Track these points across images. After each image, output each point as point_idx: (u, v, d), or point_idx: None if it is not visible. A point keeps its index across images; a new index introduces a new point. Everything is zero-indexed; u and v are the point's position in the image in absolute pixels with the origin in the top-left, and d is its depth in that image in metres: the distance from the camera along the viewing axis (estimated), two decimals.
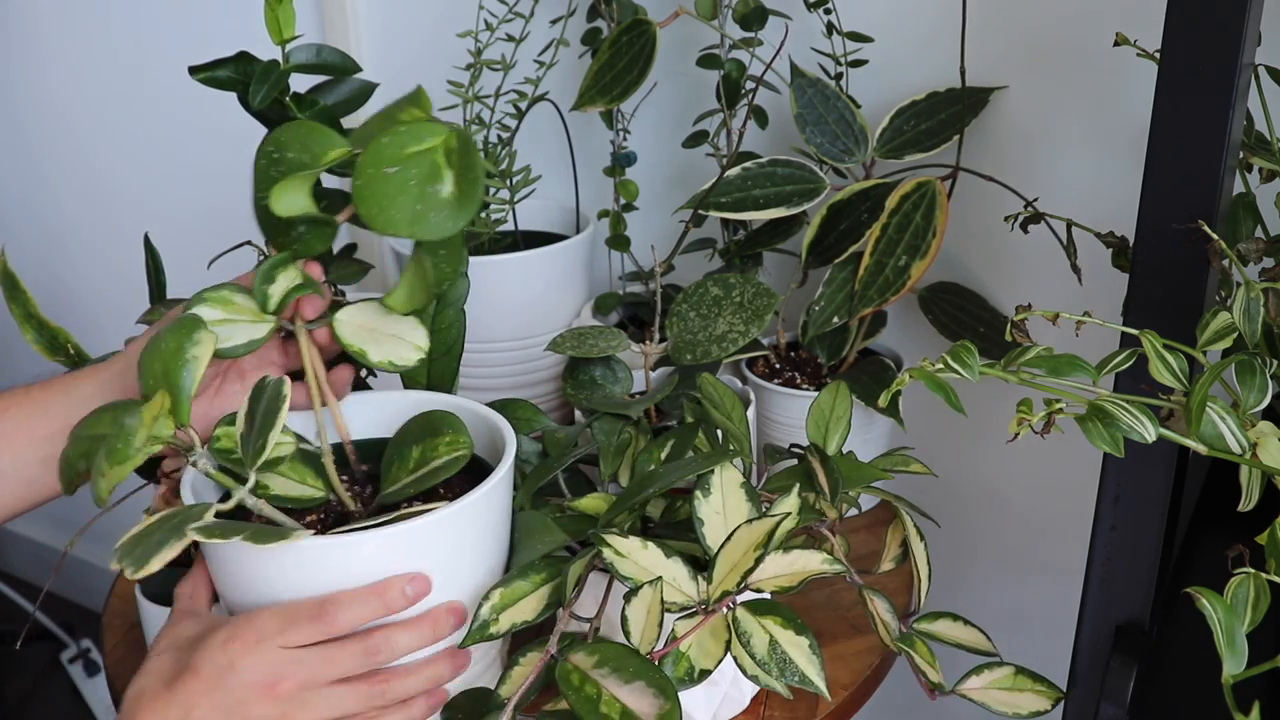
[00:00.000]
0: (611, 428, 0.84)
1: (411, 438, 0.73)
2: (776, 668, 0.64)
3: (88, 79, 1.62)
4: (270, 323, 0.69)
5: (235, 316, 0.68)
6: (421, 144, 0.64)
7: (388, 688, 0.65)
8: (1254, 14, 0.55)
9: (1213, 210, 0.55)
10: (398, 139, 0.64)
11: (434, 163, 0.63)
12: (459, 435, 0.72)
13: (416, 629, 0.65)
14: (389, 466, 0.73)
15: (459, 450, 0.71)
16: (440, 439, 0.72)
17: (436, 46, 1.20)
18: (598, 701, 0.61)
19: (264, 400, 0.65)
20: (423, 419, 0.73)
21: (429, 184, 0.63)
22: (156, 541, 0.59)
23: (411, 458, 0.72)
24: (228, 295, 0.68)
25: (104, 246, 1.73)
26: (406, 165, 0.63)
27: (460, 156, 0.64)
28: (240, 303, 0.68)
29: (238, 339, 0.67)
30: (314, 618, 0.62)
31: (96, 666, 1.89)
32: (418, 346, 0.72)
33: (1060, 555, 1.11)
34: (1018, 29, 0.97)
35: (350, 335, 0.71)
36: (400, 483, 0.72)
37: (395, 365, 0.71)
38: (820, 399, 0.83)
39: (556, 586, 0.69)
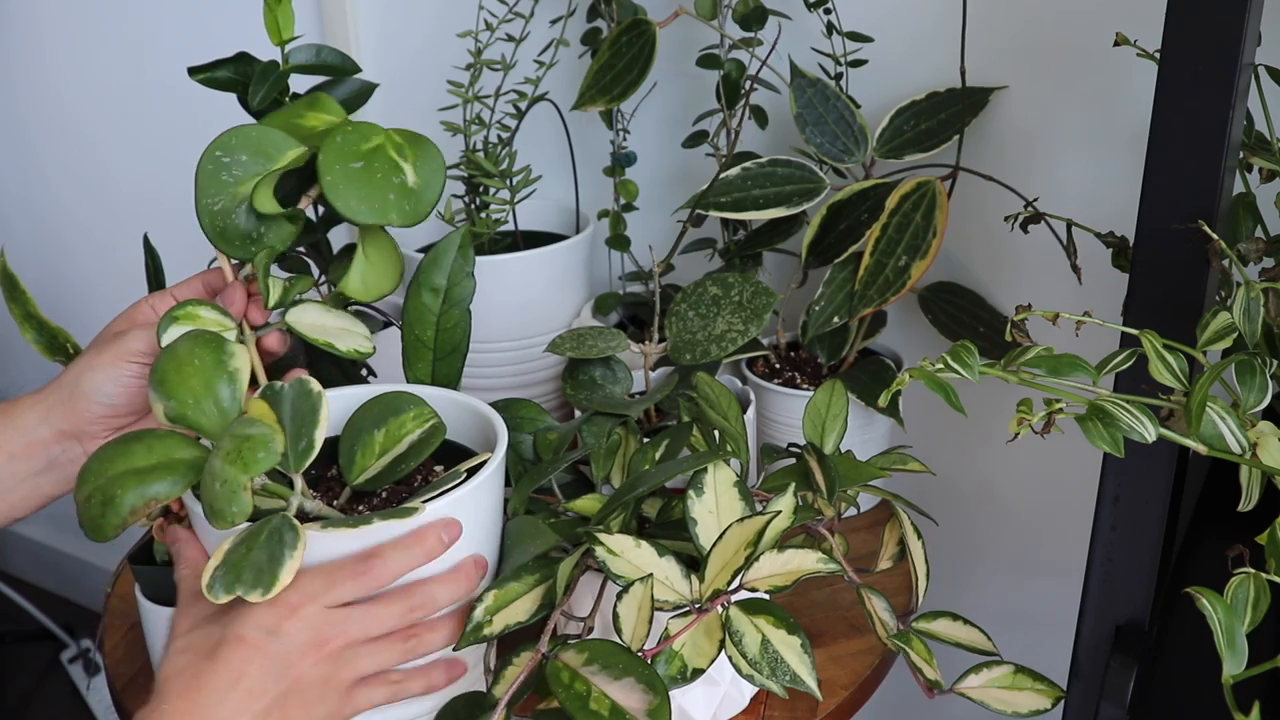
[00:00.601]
0: (600, 430, 0.84)
1: (370, 423, 0.71)
2: (768, 667, 0.65)
3: (88, 79, 1.62)
4: (234, 330, 0.68)
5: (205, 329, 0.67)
6: (370, 142, 0.66)
7: (419, 641, 0.66)
8: (1254, 14, 0.55)
9: (1213, 210, 0.55)
10: (348, 138, 0.66)
11: (390, 157, 0.66)
12: (422, 408, 0.71)
13: (453, 581, 0.66)
14: (349, 457, 0.71)
15: (429, 421, 0.71)
16: (405, 415, 0.71)
17: (436, 46, 1.20)
18: (587, 698, 0.61)
19: (288, 404, 0.64)
20: (376, 403, 0.72)
21: (393, 175, 0.66)
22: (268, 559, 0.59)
23: (376, 442, 0.71)
24: (193, 311, 0.68)
25: (104, 246, 1.73)
26: (368, 160, 0.65)
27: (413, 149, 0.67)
28: (206, 315, 0.68)
29: None
30: (358, 574, 0.62)
31: (96, 666, 1.89)
32: (366, 337, 0.73)
33: (1060, 555, 1.11)
34: (1018, 29, 0.97)
35: (309, 333, 0.71)
36: (370, 469, 0.71)
37: (360, 353, 0.71)
38: (816, 398, 0.83)
39: (550, 587, 0.69)
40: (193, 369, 0.62)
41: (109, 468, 0.60)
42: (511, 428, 0.86)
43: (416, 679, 0.67)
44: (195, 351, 0.63)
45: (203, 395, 0.62)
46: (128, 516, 0.59)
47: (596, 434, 0.83)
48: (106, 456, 0.61)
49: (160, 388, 0.62)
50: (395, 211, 0.66)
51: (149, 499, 0.59)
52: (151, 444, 0.61)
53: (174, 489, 0.60)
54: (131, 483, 0.59)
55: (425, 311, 0.80)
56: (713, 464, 0.71)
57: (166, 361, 0.63)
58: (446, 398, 0.76)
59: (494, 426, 0.73)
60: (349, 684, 0.63)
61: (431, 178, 0.67)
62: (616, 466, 0.83)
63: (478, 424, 0.75)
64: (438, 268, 0.80)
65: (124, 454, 0.60)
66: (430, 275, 0.79)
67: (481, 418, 0.75)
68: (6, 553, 2.16)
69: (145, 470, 0.60)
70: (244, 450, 0.58)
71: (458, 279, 0.80)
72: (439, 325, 0.80)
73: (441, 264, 0.80)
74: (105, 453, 0.61)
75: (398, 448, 0.71)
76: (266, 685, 0.60)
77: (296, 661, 0.61)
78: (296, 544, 0.59)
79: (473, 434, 0.76)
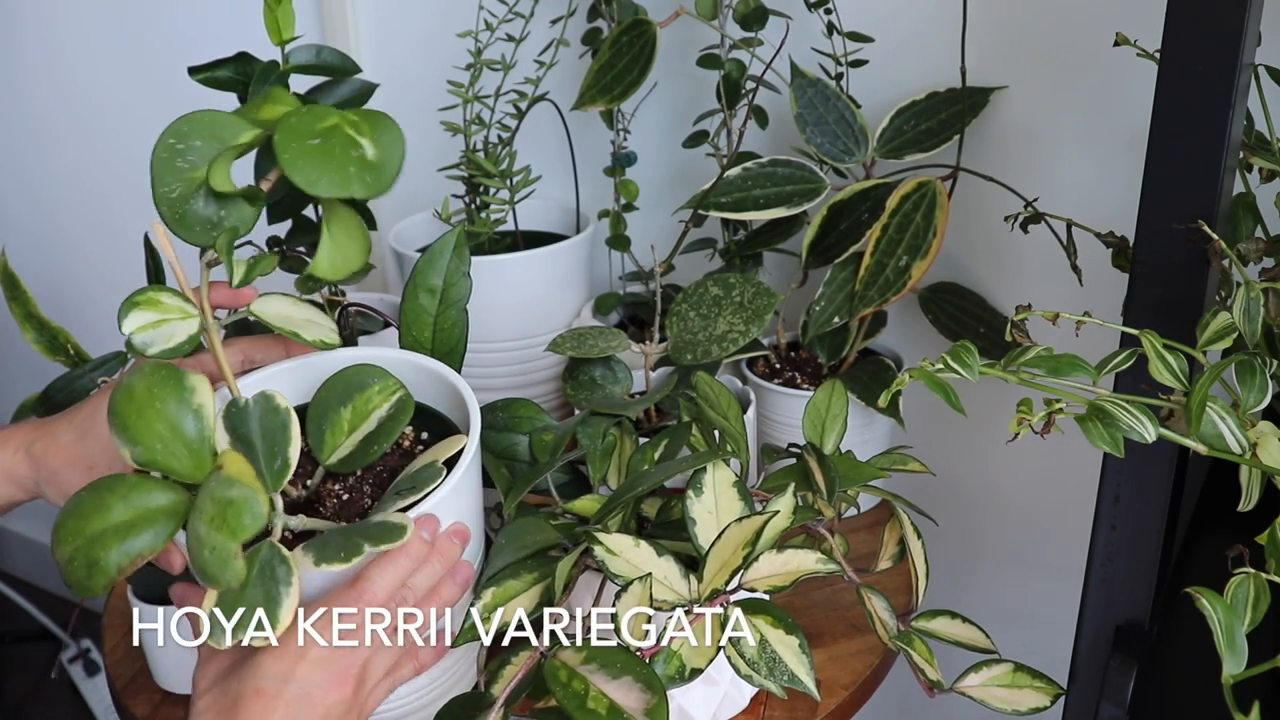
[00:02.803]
0: (596, 430, 0.83)
1: (335, 399, 0.70)
2: (766, 667, 0.65)
3: (89, 78, 1.62)
4: (197, 317, 0.67)
5: (168, 315, 0.66)
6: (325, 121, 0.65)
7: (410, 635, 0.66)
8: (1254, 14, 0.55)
9: (1213, 210, 0.55)
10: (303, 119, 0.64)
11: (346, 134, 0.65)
12: (386, 380, 0.70)
13: (430, 566, 0.66)
14: (318, 437, 0.69)
15: (395, 393, 0.69)
16: (370, 390, 0.70)
17: (436, 46, 1.20)
18: (585, 697, 0.61)
19: (255, 422, 0.63)
20: (339, 379, 0.70)
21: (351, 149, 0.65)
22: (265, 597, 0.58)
23: (344, 419, 0.70)
24: (153, 296, 0.66)
25: (105, 246, 1.73)
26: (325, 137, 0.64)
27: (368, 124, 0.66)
28: (168, 301, 0.66)
29: (179, 336, 0.66)
30: (353, 600, 0.62)
31: (96, 666, 1.89)
32: (331, 329, 0.72)
33: (1060, 555, 1.11)
34: (1018, 29, 0.97)
35: (275, 322, 0.70)
36: (342, 449, 0.69)
37: (325, 344, 0.71)
38: (816, 398, 0.83)
39: (548, 586, 0.69)
40: (155, 412, 0.59)
41: (86, 526, 0.57)
42: (509, 428, 0.86)
43: (406, 664, 0.67)
44: (155, 392, 0.60)
45: (170, 438, 0.59)
46: (115, 576, 0.57)
47: (592, 435, 0.83)
48: (81, 513, 0.57)
49: (124, 434, 0.59)
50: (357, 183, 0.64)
51: (134, 556, 0.57)
52: (126, 494, 0.58)
53: (157, 541, 0.58)
54: (113, 541, 0.57)
55: (422, 312, 0.79)
56: (712, 464, 0.71)
57: (125, 404, 0.59)
58: (409, 363, 0.74)
59: (463, 398, 0.72)
60: (365, 697, 0.64)
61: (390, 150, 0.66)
62: (613, 467, 0.83)
63: (444, 388, 0.74)
64: (434, 268, 0.79)
65: (99, 509, 0.57)
66: (426, 276, 0.79)
67: (448, 384, 0.73)
68: (6, 553, 2.16)
69: (124, 526, 0.57)
70: (228, 516, 0.56)
71: (454, 279, 0.80)
72: (436, 326, 0.79)
73: (437, 264, 0.79)
74: (79, 509, 0.57)
75: (366, 424, 0.69)
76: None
77: (319, 699, 0.61)
78: (290, 579, 0.58)
79: (441, 396, 0.74)
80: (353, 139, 0.65)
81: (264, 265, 0.69)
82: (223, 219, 0.67)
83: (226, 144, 0.67)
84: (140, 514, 0.58)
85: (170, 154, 0.66)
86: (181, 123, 0.66)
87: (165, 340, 0.65)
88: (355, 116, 0.66)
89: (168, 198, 0.66)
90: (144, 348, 0.63)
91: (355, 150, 0.64)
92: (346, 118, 0.66)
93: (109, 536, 0.57)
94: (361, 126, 0.66)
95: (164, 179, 0.66)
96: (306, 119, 0.65)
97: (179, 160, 0.66)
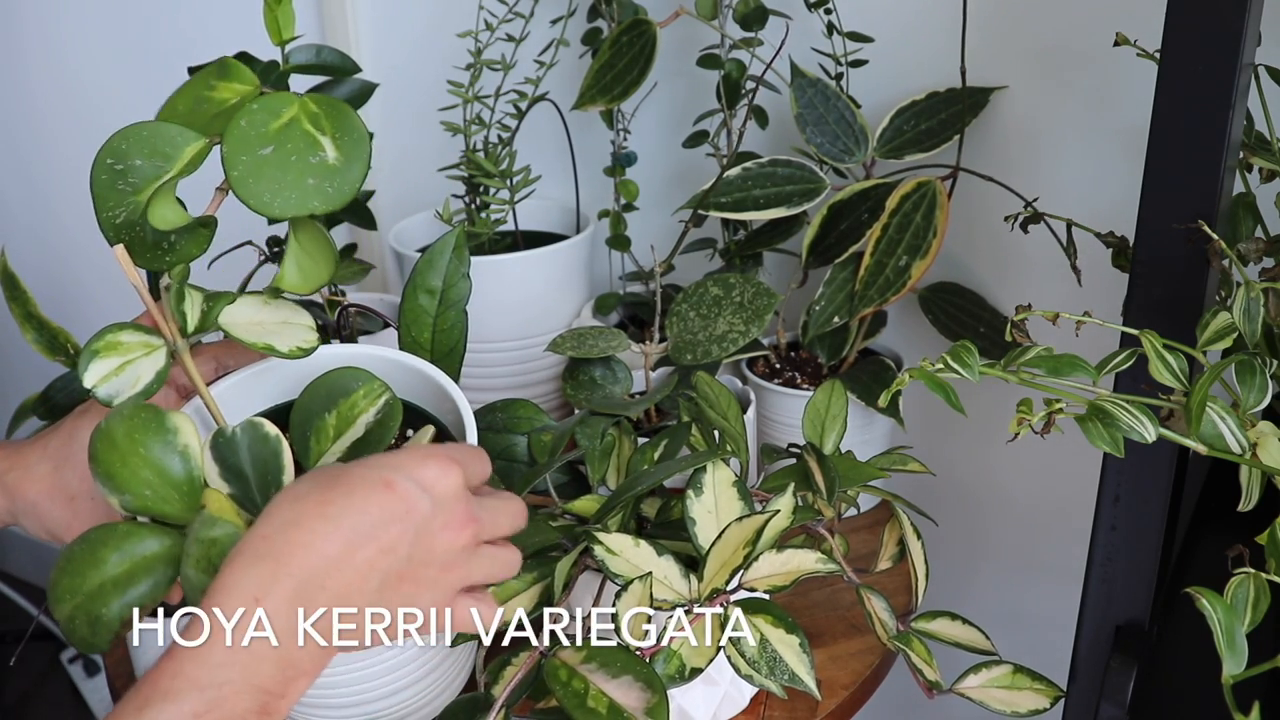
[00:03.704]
0: (594, 430, 0.83)
1: (319, 405, 0.66)
2: (766, 666, 0.65)
3: (88, 78, 1.62)
4: (164, 347, 0.63)
5: (130, 355, 0.61)
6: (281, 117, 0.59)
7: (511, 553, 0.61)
8: (1254, 14, 0.55)
9: (1213, 210, 0.55)
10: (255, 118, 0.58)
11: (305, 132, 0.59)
12: (371, 383, 0.66)
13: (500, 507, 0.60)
14: (303, 445, 0.66)
15: (381, 396, 0.66)
16: (354, 395, 0.66)
17: (436, 47, 1.20)
18: (585, 696, 0.61)
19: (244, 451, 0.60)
20: (322, 383, 0.66)
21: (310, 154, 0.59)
22: None
23: (329, 426, 0.66)
24: (112, 339, 0.62)
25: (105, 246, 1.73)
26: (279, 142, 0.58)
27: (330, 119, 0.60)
28: (127, 340, 0.62)
29: (146, 376, 0.61)
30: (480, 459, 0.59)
31: (96, 666, 1.89)
32: (309, 326, 0.67)
33: (1060, 555, 1.11)
34: (1018, 29, 0.97)
35: (246, 334, 0.65)
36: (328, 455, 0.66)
37: (303, 350, 0.65)
38: (816, 398, 0.83)
39: (548, 585, 0.69)
40: (139, 458, 0.57)
41: (82, 583, 0.55)
42: (508, 428, 0.86)
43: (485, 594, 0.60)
44: (136, 438, 0.57)
45: (158, 483, 0.57)
46: (120, 628, 0.55)
47: (590, 435, 0.83)
48: (75, 569, 0.55)
49: (110, 482, 0.56)
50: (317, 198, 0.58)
51: (134, 606, 0.55)
52: (119, 545, 0.56)
53: (157, 590, 0.56)
54: (113, 595, 0.55)
55: (421, 313, 0.79)
56: (711, 463, 0.71)
57: (107, 452, 0.57)
58: (395, 362, 0.71)
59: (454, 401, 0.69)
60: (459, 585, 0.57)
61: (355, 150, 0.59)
62: (612, 467, 0.83)
63: (430, 388, 0.72)
64: (433, 269, 0.79)
65: (94, 562, 0.55)
66: (426, 277, 0.79)
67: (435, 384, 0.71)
68: (6, 553, 2.16)
69: (122, 578, 0.55)
70: (213, 556, 0.54)
71: (453, 280, 0.79)
72: (435, 327, 0.79)
73: (437, 265, 0.79)
74: (72, 565, 0.55)
75: (353, 430, 0.66)
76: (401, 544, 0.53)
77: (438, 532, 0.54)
78: None
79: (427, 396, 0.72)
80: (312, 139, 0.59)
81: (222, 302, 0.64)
82: (174, 244, 0.62)
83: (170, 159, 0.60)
84: (137, 564, 0.56)
85: (110, 175, 0.61)
86: (119, 139, 0.61)
87: (132, 385, 0.60)
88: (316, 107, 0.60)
89: (113, 223, 0.61)
90: (110, 399, 0.60)
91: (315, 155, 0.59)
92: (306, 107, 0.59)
93: (108, 590, 0.55)
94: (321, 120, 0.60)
95: (105, 203, 0.61)
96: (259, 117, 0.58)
97: (119, 182, 0.61)
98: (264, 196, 0.57)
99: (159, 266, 0.62)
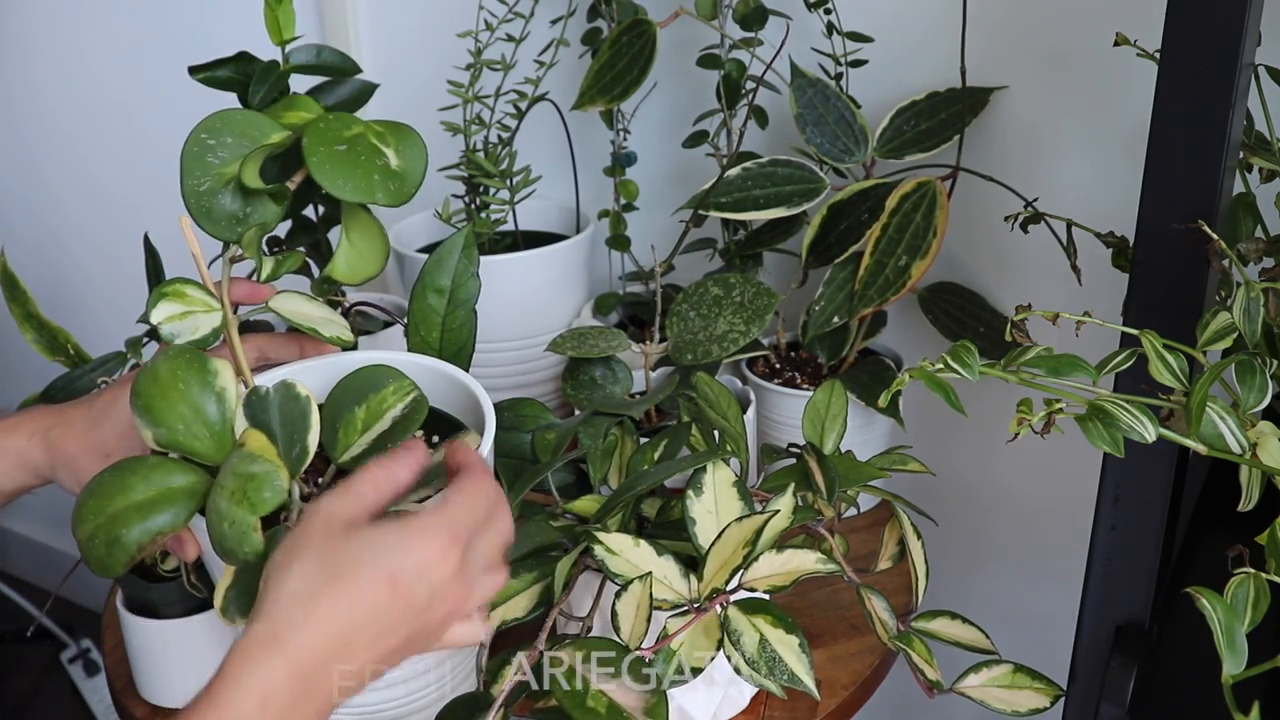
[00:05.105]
0: (597, 430, 0.83)
1: (350, 399, 0.69)
2: (766, 666, 0.65)
3: (89, 78, 1.62)
4: (219, 311, 0.67)
5: (193, 308, 0.67)
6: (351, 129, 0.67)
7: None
8: (1254, 14, 0.55)
9: (1213, 210, 0.55)
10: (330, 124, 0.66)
11: (371, 142, 0.67)
12: (401, 381, 0.69)
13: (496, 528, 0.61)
14: (331, 435, 0.68)
15: (410, 394, 0.68)
16: (384, 390, 0.69)
17: (436, 47, 1.20)
18: (584, 696, 0.61)
19: (275, 410, 0.63)
20: (355, 378, 0.70)
21: (376, 158, 0.67)
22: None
23: (358, 419, 0.68)
24: (181, 289, 0.66)
25: (103, 246, 1.73)
26: (350, 144, 0.66)
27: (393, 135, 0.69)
28: (193, 295, 0.67)
29: (204, 329, 0.66)
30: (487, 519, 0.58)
31: (96, 666, 1.89)
32: (345, 326, 0.73)
33: (1060, 555, 1.11)
34: (1018, 29, 0.97)
35: (294, 319, 0.71)
36: (355, 447, 0.68)
37: (342, 341, 0.72)
38: (816, 398, 0.83)
39: (548, 586, 0.69)
40: (178, 394, 0.60)
41: (107, 505, 0.58)
42: (514, 427, 0.86)
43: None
44: (178, 374, 0.60)
45: (192, 420, 0.60)
46: (135, 553, 0.58)
47: (593, 434, 0.83)
48: (103, 492, 0.58)
49: (147, 414, 0.60)
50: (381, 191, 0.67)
51: (154, 534, 0.58)
52: (147, 475, 0.59)
53: (177, 519, 0.59)
54: (134, 519, 0.58)
55: (430, 313, 0.79)
56: (712, 464, 0.71)
57: (149, 386, 0.60)
58: (425, 366, 0.74)
59: (479, 401, 0.71)
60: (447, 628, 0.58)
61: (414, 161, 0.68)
62: (614, 467, 0.83)
63: (459, 392, 0.73)
64: (442, 269, 0.79)
65: (121, 488, 0.58)
66: (435, 276, 0.79)
67: (463, 387, 0.73)
68: (6, 553, 2.16)
69: (145, 504, 0.58)
70: (249, 490, 0.57)
71: (462, 280, 0.80)
72: (444, 326, 0.80)
73: (446, 265, 0.80)
74: (101, 488, 0.58)
75: (380, 424, 0.68)
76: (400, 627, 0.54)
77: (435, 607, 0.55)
78: None
79: (456, 402, 0.74)
80: (377, 148, 0.67)
81: (291, 262, 0.70)
82: (248, 215, 0.69)
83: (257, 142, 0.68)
84: (161, 493, 0.59)
85: (201, 148, 0.68)
86: (215, 119, 0.68)
87: (191, 331, 0.66)
88: (380, 127, 0.69)
89: (196, 190, 0.68)
90: (171, 338, 0.65)
91: (379, 159, 0.67)
92: (371, 128, 0.68)
93: (130, 514, 0.58)
94: (386, 137, 0.68)
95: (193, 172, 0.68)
96: (334, 125, 0.67)
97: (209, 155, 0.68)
98: (337, 180, 0.66)
99: (230, 236, 0.69)
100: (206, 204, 0.68)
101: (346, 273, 0.72)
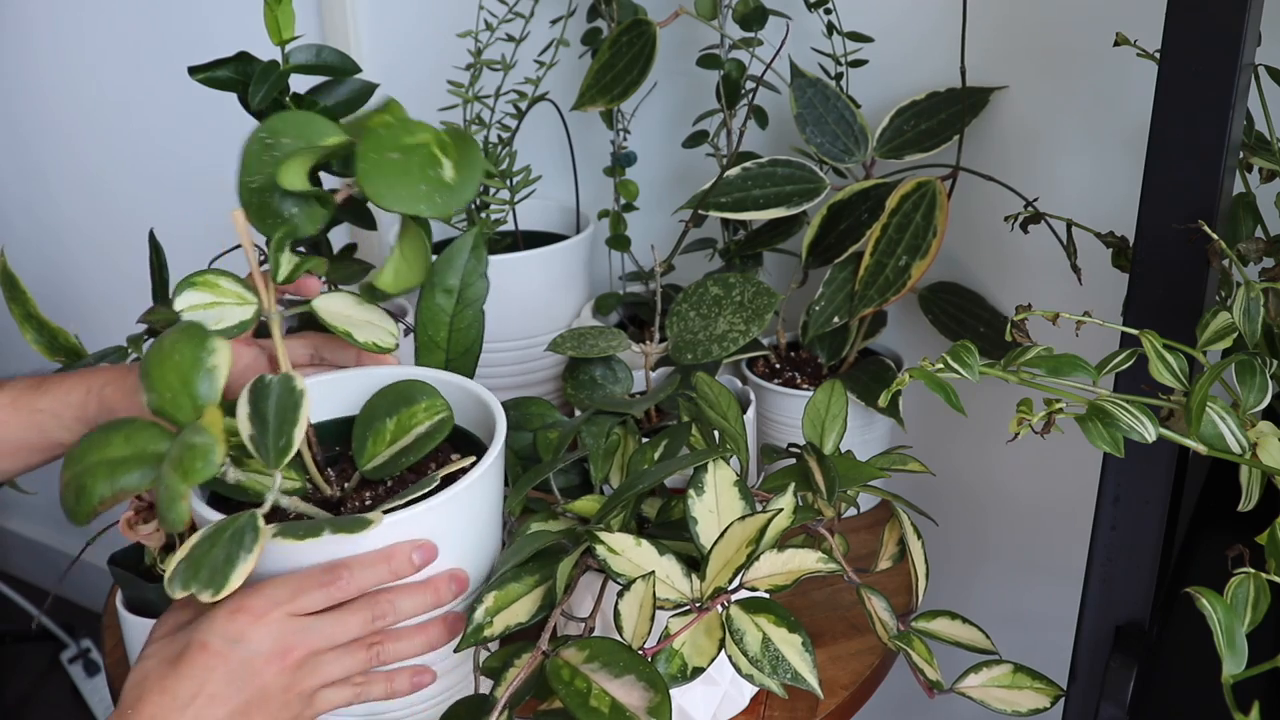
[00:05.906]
0: (599, 430, 0.83)
1: (383, 410, 0.73)
2: (769, 665, 0.65)
3: (89, 78, 1.62)
4: (254, 305, 0.69)
5: (223, 299, 0.68)
6: (415, 137, 0.67)
7: (383, 649, 0.66)
8: (1254, 14, 0.55)
9: (1213, 210, 0.55)
10: (391, 130, 0.66)
11: (431, 153, 0.67)
12: (435, 399, 0.72)
13: (420, 594, 0.66)
14: (361, 443, 0.73)
15: (439, 414, 0.72)
16: (416, 406, 0.72)
17: (436, 46, 1.20)
18: (588, 695, 0.61)
19: (273, 399, 0.64)
20: (392, 390, 0.73)
21: (430, 168, 0.66)
22: (224, 559, 0.58)
23: (387, 430, 0.72)
24: (213, 279, 0.68)
25: (104, 246, 1.74)
26: (407, 153, 0.66)
27: (456, 148, 0.68)
28: (226, 286, 0.69)
29: (229, 320, 0.68)
30: (324, 584, 0.63)
31: (96, 666, 1.89)
32: (390, 333, 0.74)
33: (1060, 555, 1.11)
34: (1018, 29, 0.97)
35: (331, 320, 0.72)
36: (380, 457, 0.72)
37: (379, 347, 0.72)
38: (815, 398, 0.83)
39: (550, 588, 0.69)
40: (171, 364, 0.61)
41: (87, 455, 0.60)
42: (520, 425, 0.86)
43: (378, 683, 0.67)
44: (177, 346, 0.62)
45: (179, 390, 0.61)
46: (97, 505, 0.59)
47: (595, 434, 0.83)
48: (89, 445, 0.61)
49: (145, 378, 0.61)
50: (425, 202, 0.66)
51: (118, 490, 0.59)
52: (130, 435, 0.61)
53: (143, 481, 0.60)
54: (103, 473, 0.60)
55: (438, 312, 0.80)
56: (713, 463, 0.71)
57: (153, 352, 0.62)
58: (457, 385, 0.76)
59: (495, 420, 0.72)
60: (312, 691, 0.64)
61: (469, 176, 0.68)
62: (615, 467, 0.83)
63: (483, 414, 0.75)
64: (451, 268, 0.80)
65: (102, 443, 0.60)
66: (444, 276, 0.80)
67: (486, 409, 0.75)
68: (6, 553, 2.16)
69: (118, 461, 0.60)
70: (185, 459, 0.58)
71: (471, 279, 0.80)
72: (452, 326, 0.80)
73: (455, 264, 0.80)
74: (90, 440, 0.61)
75: (405, 439, 0.71)
76: (229, 693, 0.60)
77: (260, 669, 0.61)
78: (253, 547, 0.59)
79: (479, 422, 0.76)
80: (434, 158, 0.67)
81: (311, 265, 0.71)
82: (294, 216, 0.70)
83: (313, 144, 0.69)
84: (136, 454, 0.60)
85: (261, 147, 0.69)
86: (276, 120, 0.69)
87: (214, 322, 0.67)
88: (446, 137, 0.69)
89: (249, 186, 0.69)
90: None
91: (434, 170, 0.66)
92: (437, 136, 0.68)
93: (101, 468, 0.60)
94: (449, 147, 0.68)
95: (251, 169, 0.69)
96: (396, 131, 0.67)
97: (266, 154, 0.69)
98: (381, 189, 0.65)
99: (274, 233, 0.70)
100: (257, 200, 0.69)
101: (393, 283, 0.71)
